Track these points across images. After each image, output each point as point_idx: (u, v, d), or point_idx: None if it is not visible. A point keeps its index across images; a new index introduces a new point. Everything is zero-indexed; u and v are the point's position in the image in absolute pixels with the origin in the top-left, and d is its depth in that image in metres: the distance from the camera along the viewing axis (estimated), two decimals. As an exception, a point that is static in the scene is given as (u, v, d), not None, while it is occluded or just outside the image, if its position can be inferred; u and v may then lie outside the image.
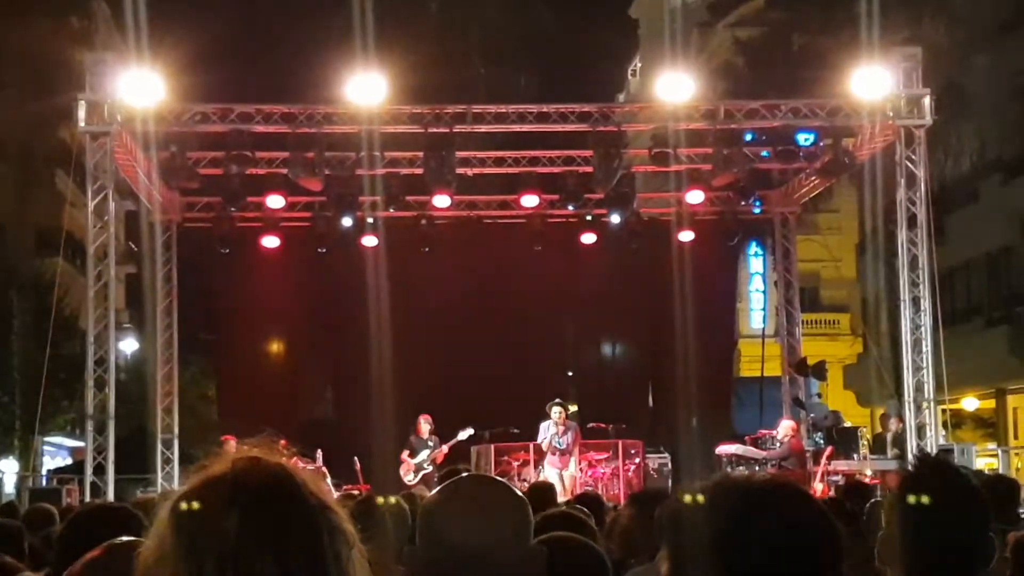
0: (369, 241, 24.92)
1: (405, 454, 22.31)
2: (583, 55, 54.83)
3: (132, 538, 3.36)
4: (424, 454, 22.13)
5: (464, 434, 22.55)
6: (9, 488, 31.10)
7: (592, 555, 4.52)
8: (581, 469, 21.68)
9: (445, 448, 22.12)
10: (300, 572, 2.04)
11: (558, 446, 21.24)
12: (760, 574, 2.26)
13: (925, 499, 3.38)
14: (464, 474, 3.47)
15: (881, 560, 3.55)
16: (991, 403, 36.26)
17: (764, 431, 23.79)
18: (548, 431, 21.34)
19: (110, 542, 3.38)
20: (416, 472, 21.90)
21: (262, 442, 2.21)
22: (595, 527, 6.88)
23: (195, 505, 2.09)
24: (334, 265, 25.10)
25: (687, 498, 2.40)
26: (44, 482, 28.09)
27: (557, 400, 21.77)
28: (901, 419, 23.36)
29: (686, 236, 25.36)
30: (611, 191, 23.53)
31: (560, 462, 21.25)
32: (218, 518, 2.04)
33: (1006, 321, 34.57)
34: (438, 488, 3.08)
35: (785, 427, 22.55)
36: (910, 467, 3.56)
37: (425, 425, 22.36)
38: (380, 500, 7.61)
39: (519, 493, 3.05)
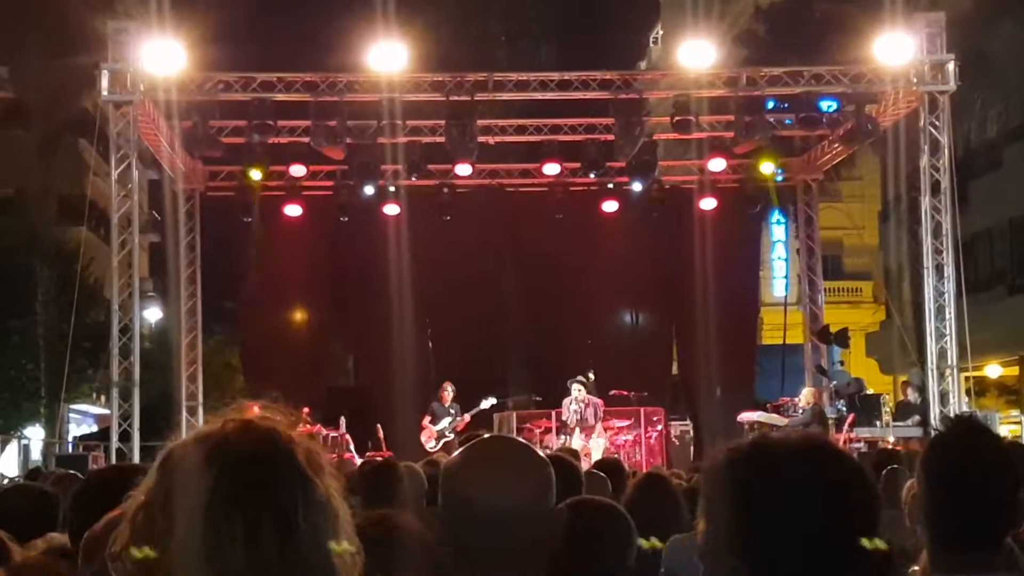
0: (391, 210, 24.92)
1: (426, 420, 22.41)
2: (604, 22, 54.60)
3: None
4: (446, 422, 22.21)
5: (487, 403, 22.62)
6: (36, 455, 31.31)
7: (617, 516, 4.55)
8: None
9: (467, 417, 22.21)
10: (268, 539, 2.05)
11: (582, 422, 21.27)
12: (796, 532, 2.26)
13: (955, 459, 3.37)
14: (486, 435, 3.47)
15: (912, 521, 3.55)
16: (1015, 370, 36.15)
17: (785, 399, 23.80)
18: (571, 408, 21.38)
19: None
20: (438, 439, 21.96)
21: (278, 408, 2.23)
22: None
23: (179, 459, 2.12)
24: (356, 234, 25.11)
25: (722, 457, 2.40)
26: (70, 449, 28.28)
27: (578, 378, 21.75)
28: (919, 388, 23.28)
29: (708, 204, 25.34)
30: (633, 159, 23.46)
31: (586, 436, 21.27)
32: (197, 475, 2.06)
33: (1030, 288, 34.43)
34: (460, 449, 3.08)
35: (806, 394, 22.60)
36: (942, 428, 3.53)
37: (449, 392, 22.47)
38: (400, 465, 7.67)
39: (541, 454, 3.06)
